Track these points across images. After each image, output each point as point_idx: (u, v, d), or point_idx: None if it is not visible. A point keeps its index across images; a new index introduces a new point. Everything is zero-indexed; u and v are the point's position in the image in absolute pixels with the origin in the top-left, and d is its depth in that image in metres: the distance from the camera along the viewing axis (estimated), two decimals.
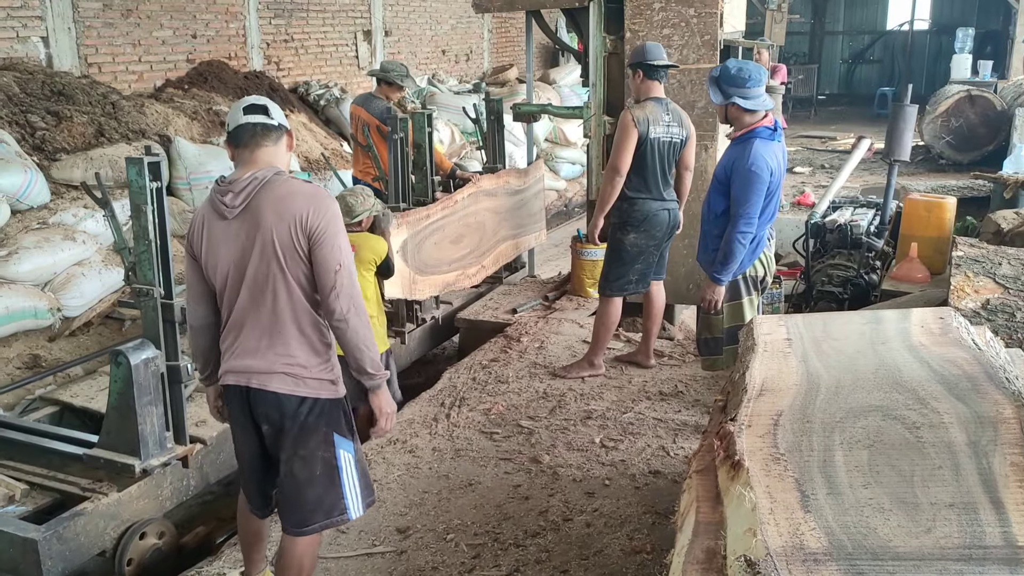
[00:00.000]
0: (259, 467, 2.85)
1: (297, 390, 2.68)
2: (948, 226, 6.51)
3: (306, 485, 2.74)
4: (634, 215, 4.80)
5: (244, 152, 2.66)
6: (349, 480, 2.80)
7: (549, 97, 12.00)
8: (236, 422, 2.82)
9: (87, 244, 5.74)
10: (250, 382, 2.69)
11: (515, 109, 6.59)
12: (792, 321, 3.42)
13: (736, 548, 1.95)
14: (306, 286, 2.66)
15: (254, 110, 2.67)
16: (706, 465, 2.55)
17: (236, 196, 2.61)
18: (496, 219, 6.41)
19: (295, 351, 2.67)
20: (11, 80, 6.44)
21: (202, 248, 2.71)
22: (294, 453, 2.72)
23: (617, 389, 4.90)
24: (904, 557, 1.81)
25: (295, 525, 2.78)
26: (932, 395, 2.56)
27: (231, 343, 2.73)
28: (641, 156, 4.68)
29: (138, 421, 3.50)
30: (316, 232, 2.59)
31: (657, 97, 4.74)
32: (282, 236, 2.58)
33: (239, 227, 2.62)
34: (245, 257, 2.63)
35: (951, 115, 12.18)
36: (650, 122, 4.64)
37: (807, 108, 19.00)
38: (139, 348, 3.50)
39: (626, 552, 3.34)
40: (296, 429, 2.70)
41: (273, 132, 2.67)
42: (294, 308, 2.65)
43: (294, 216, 2.58)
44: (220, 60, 8.76)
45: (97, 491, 3.57)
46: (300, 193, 2.63)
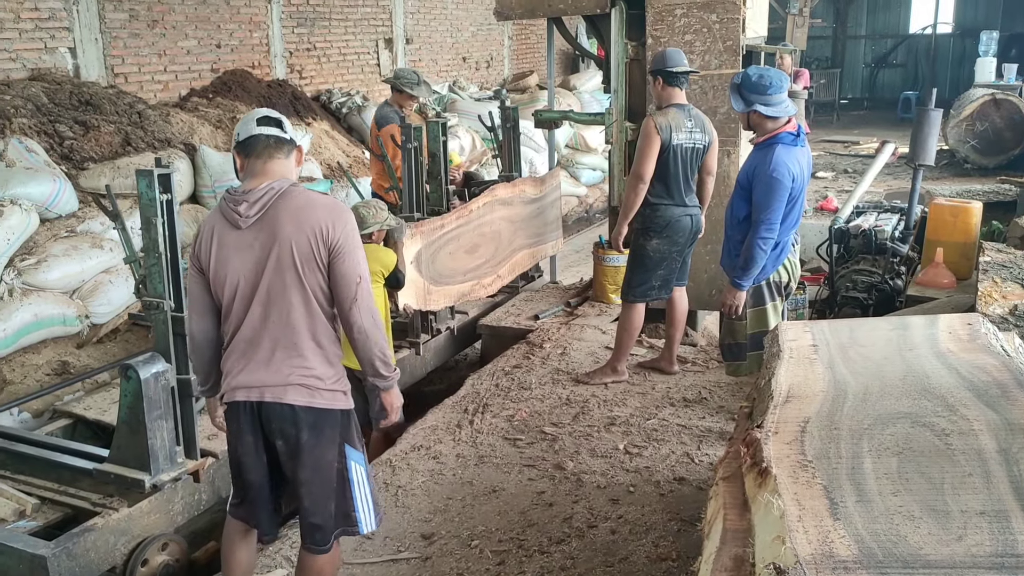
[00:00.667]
0: (268, 487, 2.80)
1: (314, 402, 2.65)
2: (974, 231, 6.45)
3: (326, 499, 2.72)
4: (656, 221, 4.79)
5: (256, 163, 2.64)
6: (361, 492, 2.78)
7: (570, 103, 12.00)
8: (243, 441, 2.74)
9: (114, 252, 5.79)
10: (263, 396, 2.65)
11: (537, 116, 6.61)
12: (818, 327, 3.41)
13: (765, 556, 1.95)
14: (321, 298, 2.64)
15: (268, 122, 2.66)
16: (733, 472, 2.54)
17: (251, 206, 2.59)
18: (512, 228, 6.37)
19: (311, 362, 2.65)
20: (40, 90, 6.53)
21: (210, 260, 2.67)
22: (312, 467, 2.68)
23: (641, 395, 4.89)
24: (935, 565, 1.79)
25: (319, 543, 2.74)
26: (961, 402, 2.54)
27: (238, 358, 2.68)
28: (664, 163, 4.67)
29: (148, 436, 3.46)
30: (337, 244, 2.59)
31: (679, 103, 4.74)
32: (301, 246, 2.57)
33: (253, 237, 2.60)
34: (259, 267, 2.60)
35: (976, 119, 12.07)
36: (672, 129, 4.64)
37: (829, 113, 18.89)
38: (149, 362, 3.46)
39: (651, 559, 3.33)
40: (312, 442, 2.66)
41: (286, 146, 2.67)
42: (311, 319, 2.64)
43: (314, 227, 2.57)
44: (244, 69, 8.84)
45: (107, 506, 3.54)
46: (320, 204, 2.63)
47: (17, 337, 5.19)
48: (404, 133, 5.42)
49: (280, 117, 2.70)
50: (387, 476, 4.09)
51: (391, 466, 4.17)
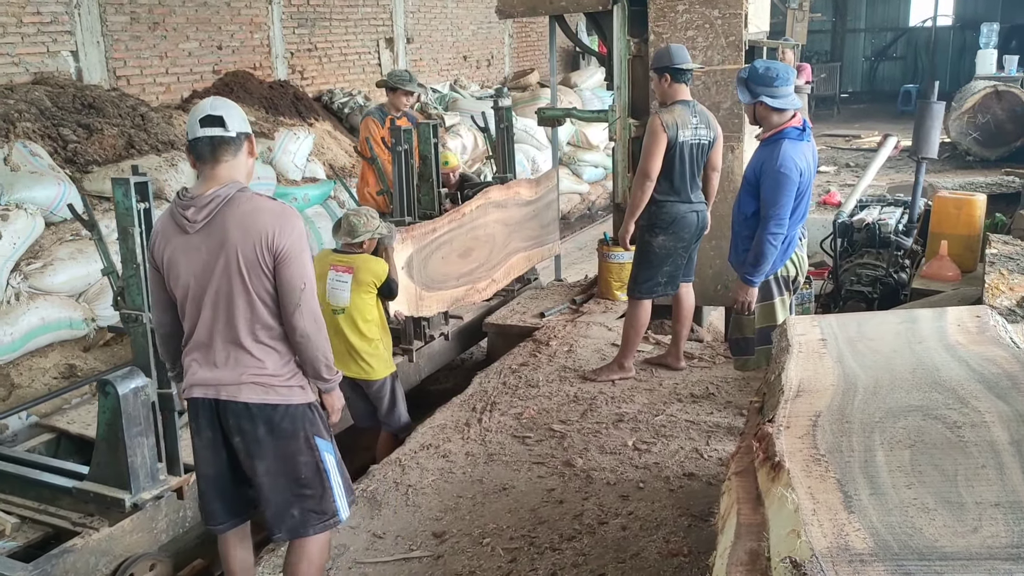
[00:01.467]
0: (225, 482, 2.84)
1: (268, 398, 2.68)
2: (978, 223, 6.46)
3: (291, 490, 2.75)
4: (662, 218, 4.80)
5: (204, 167, 2.64)
6: (336, 482, 2.82)
7: (571, 100, 12.01)
8: (202, 437, 2.79)
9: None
10: (219, 394, 2.69)
11: (540, 114, 6.61)
12: (826, 322, 3.41)
13: (780, 549, 1.95)
14: (269, 302, 2.65)
15: (211, 122, 2.61)
16: (745, 467, 2.54)
17: (199, 211, 2.60)
18: (507, 231, 6.24)
19: (263, 362, 2.68)
20: (43, 94, 6.54)
21: (163, 259, 2.70)
22: (273, 461, 2.72)
23: (648, 392, 4.90)
24: (951, 557, 1.79)
25: (291, 531, 2.79)
26: (972, 394, 2.54)
27: (195, 356, 2.72)
28: (670, 160, 4.67)
29: (128, 453, 3.35)
30: (282, 251, 2.59)
31: (684, 100, 4.73)
32: (247, 253, 2.58)
33: (200, 242, 2.61)
34: (207, 272, 2.62)
35: (977, 111, 12.08)
36: (679, 126, 4.64)
37: (830, 107, 18.90)
38: (128, 377, 3.35)
39: (663, 555, 3.34)
40: (272, 438, 2.70)
41: (232, 145, 2.63)
42: (259, 322, 2.66)
43: (260, 233, 2.57)
44: (245, 70, 8.85)
45: (88, 526, 3.44)
46: (266, 210, 2.61)
47: (24, 341, 5.20)
48: (394, 135, 5.33)
49: (223, 113, 2.63)
50: (397, 475, 4.09)
51: (400, 465, 4.18)
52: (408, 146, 5.33)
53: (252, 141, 2.72)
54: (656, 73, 4.80)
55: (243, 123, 2.68)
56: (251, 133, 2.72)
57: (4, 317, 5.10)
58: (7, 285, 5.20)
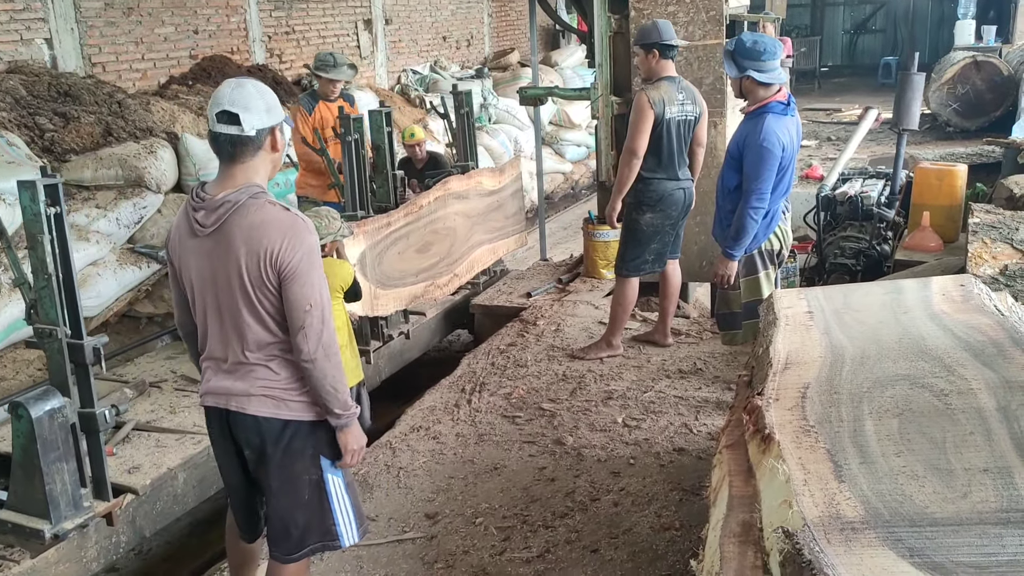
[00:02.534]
0: (245, 492, 2.73)
1: (279, 413, 2.52)
2: (960, 194, 6.49)
3: (294, 510, 2.61)
4: (649, 195, 4.79)
5: (222, 164, 2.47)
6: (340, 505, 2.65)
7: (552, 79, 11.96)
8: (217, 445, 2.68)
9: (101, 244, 5.76)
10: (229, 404, 2.54)
11: (522, 93, 6.59)
12: (812, 294, 3.43)
13: (772, 520, 1.97)
14: (278, 318, 2.48)
15: (226, 119, 2.40)
16: (735, 440, 2.56)
17: (208, 215, 2.44)
18: (468, 223, 5.98)
19: (277, 373, 2.52)
20: (17, 83, 6.44)
21: (177, 258, 2.58)
22: (280, 478, 2.58)
23: (636, 369, 4.91)
24: (942, 523, 1.82)
25: (285, 552, 2.64)
26: (958, 362, 2.57)
27: (209, 363, 2.59)
28: (657, 137, 4.67)
29: (45, 480, 3.07)
30: (287, 268, 2.40)
31: (670, 76, 4.72)
32: (251, 269, 2.41)
33: (211, 248, 2.46)
34: (215, 281, 2.48)
35: (957, 82, 12.13)
36: (665, 103, 4.64)
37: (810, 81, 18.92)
38: (42, 398, 3.07)
39: (655, 529, 3.37)
40: (279, 454, 2.55)
41: (250, 145, 2.42)
42: (269, 334, 2.49)
43: (265, 249, 2.38)
44: (223, 55, 8.74)
45: (7, 558, 3.21)
46: (274, 224, 2.41)
47: (7, 333, 5.15)
48: (343, 124, 5.02)
49: (240, 110, 2.39)
50: (388, 458, 4.10)
51: (391, 448, 4.18)
52: (359, 135, 5.03)
53: (276, 134, 2.48)
54: (643, 49, 4.76)
55: (264, 116, 2.43)
56: (275, 125, 2.47)
57: None
58: None
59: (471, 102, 6.37)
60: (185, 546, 4.45)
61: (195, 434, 4.03)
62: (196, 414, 4.19)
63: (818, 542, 1.78)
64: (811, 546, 1.74)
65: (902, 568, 1.68)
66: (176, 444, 3.97)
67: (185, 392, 4.53)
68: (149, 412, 4.31)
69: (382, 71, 11.42)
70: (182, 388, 4.60)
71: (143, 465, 3.78)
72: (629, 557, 3.22)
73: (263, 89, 2.48)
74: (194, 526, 4.48)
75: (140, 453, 3.88)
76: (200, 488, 3.92)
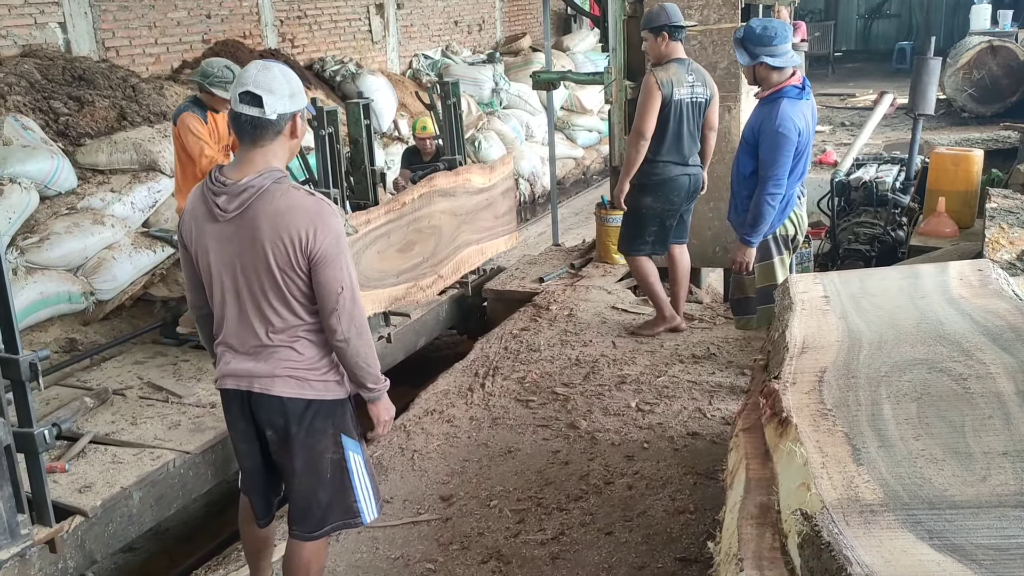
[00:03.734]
0: (262, 476, 2.73)
1: (303, 393, 2.54)
2: (976, 179, 6.46)
3: (317, 488, 2.63)
4: (652, 178, 4.79)
5: (242, 147, 2.46)
6: (360, 482, 2.68)
7: (564, 64, 11.91)
8: (236, 429, 2.68)
9: (116, 228, 5.78)
10: (252, 386, 2.55)
11: (535, 77, 6.57)
12: (828, 279, 3.42)
13: (790, 502, 1.97)
14: (304, 300, 2.50)
15: (249, 99, 2.38)
16: (752, 423, 2.56)
17: (231, 200, 2.42)
18: (455, 222, 5.68)
19: (300, 352, 2.54)
20: (32, 67, 6.46)
21: (192, 243, 2.56)
22: (303, 457, 2.60)
23: (650, 354, 4.91)
24: (961, 505, 1.81)
25: (307, 530, 2.66)
26: (976, 346, 2.56)
27: (227, 346, 2.58)
28: (665, 119, 4.65)
29: None
30: (318, 254, 2.42)
31: (679, 58, 4.70)
32: (279, 255, 2.41)
33: (233, 232, 2.45)
34: (239, 265, 2.47)
35: (973, 67, 12.02)
36: (674, 84, 4.61)
37: (824, 66, 18.77)
38: None
39: (669, 512, 3.38)
40: (303, 434, 2.57)
41: (270, 128, 2.40)
42: (294, 316, 2.50)
43: (294, 236, 2.39)
44: (235, 39, 8.75)
45: None
46: (301, 209, 2.41)
47: (24, 316, 5.18)
48: (317, 118, 4.74)
49: (263, 91, 2.37)
50: (402, 441, 4.12)
51: (405, 431, 4.20)
52: (333, 129, 4.80)
53: (297, 120, 2.46)
54: (652, 32, 4.74)
55: (287, 101, 2.41)
56: (298, 111, 2.46)
57: None
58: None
59: (458, 92, 6.06)
60: (201, 527, 4.49)
61: (155, 448, 3.88)
62: (158, 425, 4.09)
63: (837, 524, 1.78)
64: (830, 528, 1.74)
65: (922, 550, 1.68)
66: (133, 460, 3.77)
67: (150, 401, 4.38)
68: (109, 423, 4.14)
69: (393, 56, 11.39)
70: (147, 396, 4.44)
71: (96, 484, 3.58)
72: (643, 540, 3.23)
73: (289, 74, 2.47)
74: (210, 507, 4.52)
75: (94, 470, 3.69)
76: (158, 507, 3.73)
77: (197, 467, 3.91)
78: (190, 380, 4.61)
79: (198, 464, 3.91)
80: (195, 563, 3.82)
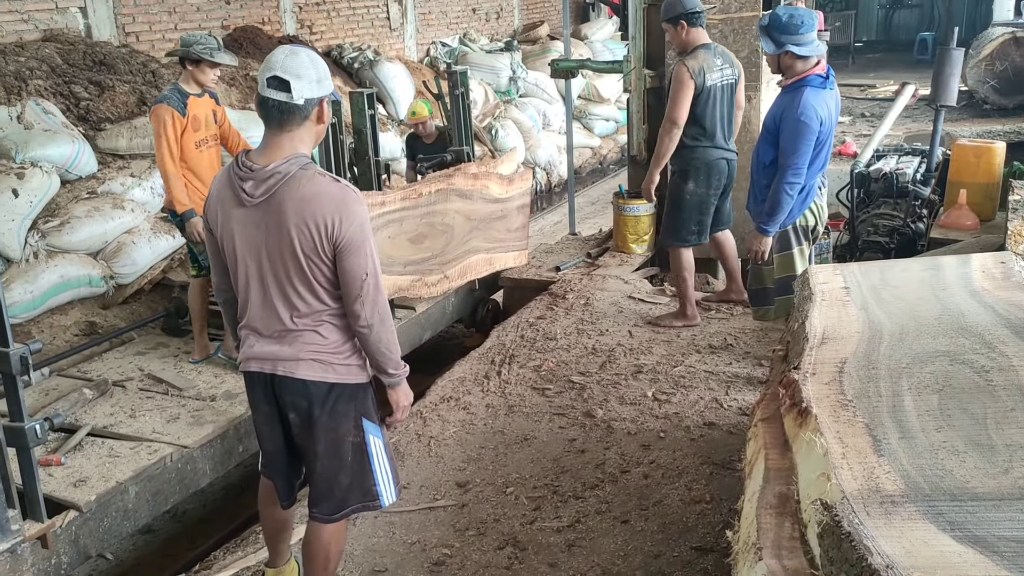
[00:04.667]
0: (284, 458, 2.75)
1: (326, 376, 2.57)
2: (998, 172, 6.38)
3: (338, 471, 2.66)
4: (694, 163, 4.82)
5: (269, 131, 2.47)
6: (380, 466, 2.70)
7: (582, 53, 11.86)
8: (259, 411, 2.71)
9: (136, 212, 5.82)
10: (276, 369, 2.57)
11: (553, 65, 6.55)
12: (848, 270, 3.40)
13: (810, 492, 1.97)
14: (328, 286, 2.52)
15: (276, 84, 2.38)
16: (771, 414, 2.56)
17: (257, 185, 2.43)
18: (468, 226, 5.60)
19: (323, 336, 2.56)
20: (53, 51, 6.50)
21: (218, 226, 2.57)
22: (325, 440, 2.62)
23: (666, 343, 4.91)
24: (983, 497, 1.81)
25: (326, 513, 2.69)
26: (999, 339, 2.54)
27: (251, 328, 2.60)
28: (702, 105, 4.70)
29: None
30: (343, 241, 2.43)
31: (704, 44, 4.72)
32: (305, 241, 2.43)
33: (260, 218, 2.46)
34: (265, 251, 2.48)
35: (995, 59, 11.87)
36: (705, 71, 4.65)
37: (845, 56, 18.59)
38: None
39: (685, 502, 3.38)
40: (325, 417, 2.60)
41: (296, 113, 2.41)
42: (318, 302, 2.53)
43: (320, 223, 2.41)
44: (254, 25, 8.77)
45: None
46: (327, 196, 2.42)
47: (45, 299, 5.24)
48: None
49: (291, 77, 2.38)
50: (419, 427, 4.13)
51: (422, 417, 4.22)
52: (336, 119, 4.75)
53: (324, 106, 2.47)
54: (671, 23, 4.75)
55: (314, 87, 2.42)
56: (324, 97, 2.46)
57: (24, 275, 5.12)
58: (25, 244, 5.22)
59: (467, 82, 5.98)
60: (219, 509, 4.52)
61: (152, 442, 3.85)
62: (157, 419, 4.07)
63: (857, 514, 1.78)
64: (850, 518, 1.74)
65: (943, 541, 1.67)
66: (130, 454, 3.75)
67: (149, 394, 4.37)
68: (108, 415, 4.12)
69: (411, 43, 11.38)
70: (147, 389, 4.43)
71: (91, 478, 3.56)
72: (659, 528, 3.24)
73: (316, 59, 2.47)
74: (228, 490, 4.56)
75: (90, 464, 3.67)
76: (154, 502, 3.70)
77: (195, 462, 3.87)
78: (191, 373, 4.61)
79: (196, 459, 3.88)
80: (214, 545, 3.85)
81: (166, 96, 4.51)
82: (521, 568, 3.09)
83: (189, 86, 4.55)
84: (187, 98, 4.51)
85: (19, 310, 5.05)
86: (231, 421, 4.06)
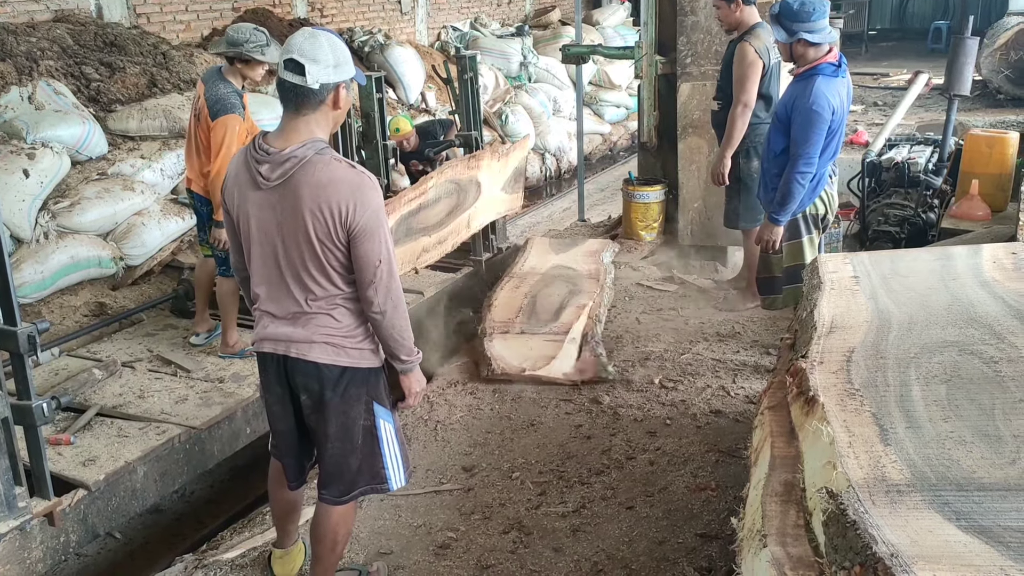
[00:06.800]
0: (295, 439, 2.77)
1: (339, 359, 2.58)
2: (1010, 162, 6.33)
3: (348, 454, 2.67)
4: (758, 139, 4.85)
5: (286, 114, 2.47)
6: (390, 449, 2.72)
7: (593, 39, 11.78)
8: (271, 392, 2.71)
9: (145, 194, 5.84)
10: (288, 351, 2.57)
11: (565, 51, 6.52)
12: (857, 259, 3.39)
13: (816, 481, 1.97)
14: (342, 271, 2.52)
15: (292, 67, 2.38)
16: (778, 402, 2.56)
17: (273, 169, 2.43)
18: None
19: (336, 320, 2.56)
20: (64, 32, 6.51)
21: (235, 207, 2.58)
22: (336, 423, 2.63)
23: (674, 331, 4.90)
24: (990, 488, 1.81)
25: (335, 495, 2.71)
26: (1009, 330, 2.54)
27: (265, 309, 2.60)
28: (766, 83, 4.77)
29: None
30: (358, 227, 2.43)
31: (759, 22, 4.78)
32: (319, 227, 2.43)
33: (275, 201, 2.46)
34: (279, 234, 2.49)
35: (1010, 48, 11.75)
36: (768, 49, 4.71)
37: (858, 44, 18.44)
38: None
39: (690, 489, 3.38)
40: (337, 399, 2.61)
41: (312, 97, 2.40)
42: (332, 286, 2.53)
43: (335, 209, 2.40)
44: (265, 8, 8.75)
45: None
46: (342, 181, 2.42)
47: (55, 279, 5.26)
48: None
49: (307, 60, 2.37)
50: (425, 411, 4.15)
51: (428, 402, 4.23)
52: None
53: (341, 91, 2.45)
54: (725, 1, 4.75)
55: (331, 71, 2.40)
56: (342, 82, 2.44)
57: (34, 256, 5.15)
58: (36, 224, 5.24)
59: (475, 67, 5.83)
60: (228, 489, 4.55)
61: (161, 422, 3.86)
62: (165, 399, 4.09)
63: (863, 503, 1.78)
64: (856, 507, 1.74)
65: (948, 531, 1.68)
66: (139, 434, 3.77)
67: (158, 375, 4.37)
68: (117, 396, 4.13)
69: (422, 27, 11.35)
70: (156, 370, 4.43)
71: (100, 457, 3.58)
72: (664, 515, 3.25)
73: (336, 43, 2.45)
74: (236, 470, 4.58)
75: (99, 443, 3.69)
76: (162, 482, 3.71)
77: (203, 443, 3.89)
78: (200, 354, 4.63)
79: (203, 440, 3.89)
80: (221, 525, 3.88)
81: (232, 104, 4.19)
82: (526, 552, 3.11)
83: (236, 80, 4.30)
84: (242, 98, 4.32)
85: (29, 290, 5.08)
86: (239, 403, 4.08)
